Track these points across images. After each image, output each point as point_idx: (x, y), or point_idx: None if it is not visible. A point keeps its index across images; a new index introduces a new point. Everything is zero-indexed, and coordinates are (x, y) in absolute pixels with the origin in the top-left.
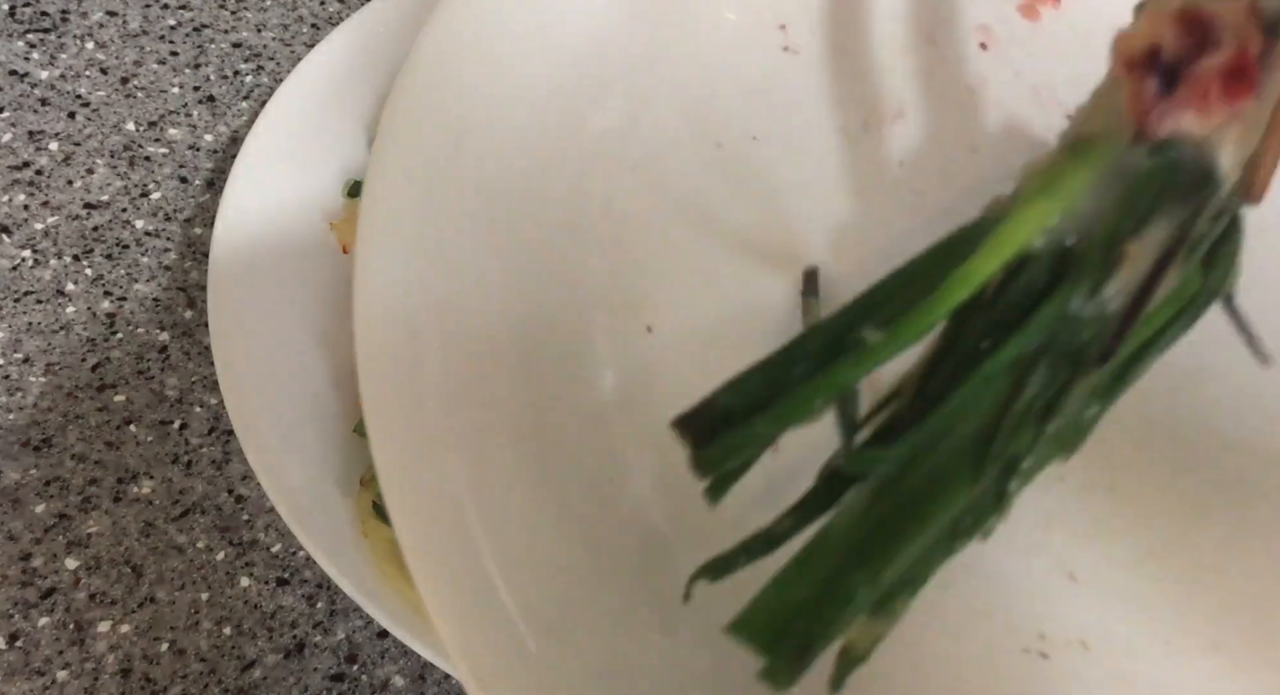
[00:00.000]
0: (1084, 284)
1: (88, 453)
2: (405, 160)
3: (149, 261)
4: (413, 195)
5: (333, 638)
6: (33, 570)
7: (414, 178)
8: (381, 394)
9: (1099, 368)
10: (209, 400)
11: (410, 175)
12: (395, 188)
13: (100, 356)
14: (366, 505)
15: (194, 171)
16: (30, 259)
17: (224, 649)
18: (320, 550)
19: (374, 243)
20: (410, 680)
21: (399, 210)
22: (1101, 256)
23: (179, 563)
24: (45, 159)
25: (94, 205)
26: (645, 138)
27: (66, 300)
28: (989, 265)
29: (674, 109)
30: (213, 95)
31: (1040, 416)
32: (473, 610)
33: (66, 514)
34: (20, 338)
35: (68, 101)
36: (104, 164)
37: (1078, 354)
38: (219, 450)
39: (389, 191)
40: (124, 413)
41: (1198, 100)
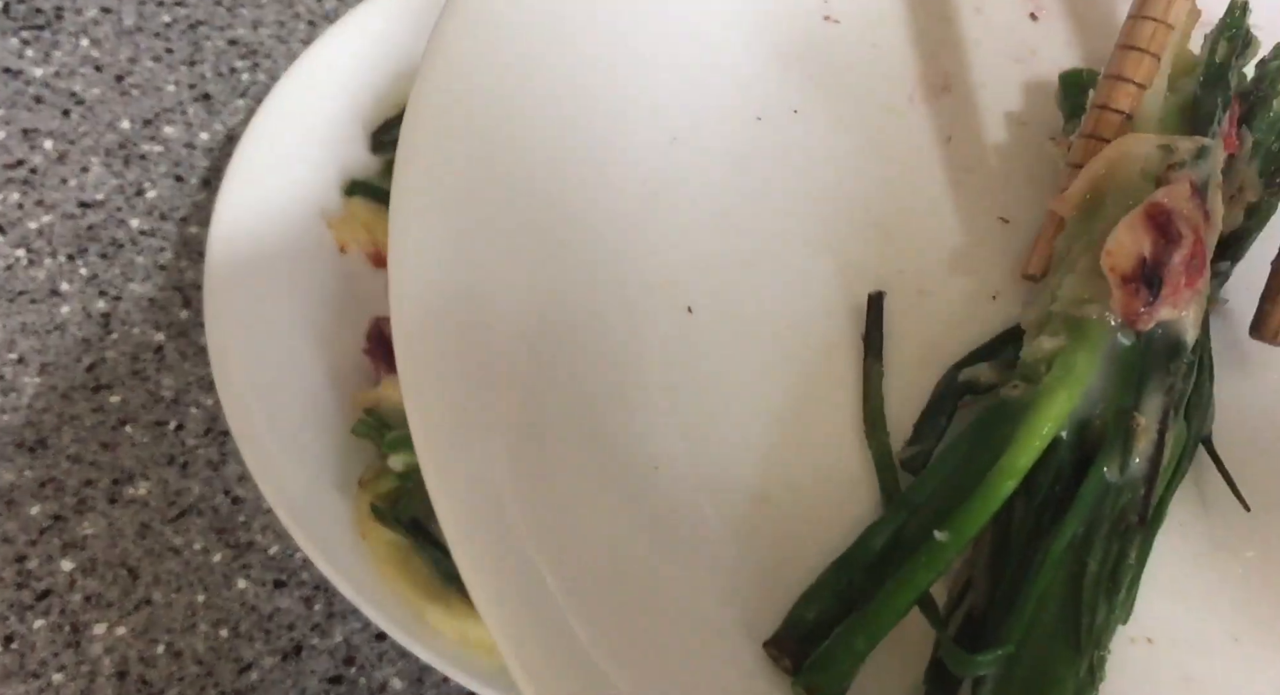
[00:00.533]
0: (1114, 457)
1: (83, 454)
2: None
3: (144, 261)
4: (445, 174)
5: (330, 640)
6: (28, 572)
7: (445, 158)
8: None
9: (1142, 530)
10: (205, 401)
11: (441, 156)
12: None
13: (95, 357)
14: (365, 507)
15: (190, 170)
16: (24, 258)
17: (221, 651)
18: (318, 552)
19: (407, 224)
20: (409, 683)
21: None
22: (1120, 430)
23: (175, 564)
24: (39, 157)
25: (88, 204)
26: (683, 110)
27: (61, 300)
28: (1028, 456)
29: (713, 81)
30: (209, 93)
31: (1110, 589)
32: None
33: (62, 515)
34: (14, 338)
35: (62, 99)
36: (99, 162)
37: (1121, 520)
38: (215, 451)
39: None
40: (119, 413)
41: (1172, 295)
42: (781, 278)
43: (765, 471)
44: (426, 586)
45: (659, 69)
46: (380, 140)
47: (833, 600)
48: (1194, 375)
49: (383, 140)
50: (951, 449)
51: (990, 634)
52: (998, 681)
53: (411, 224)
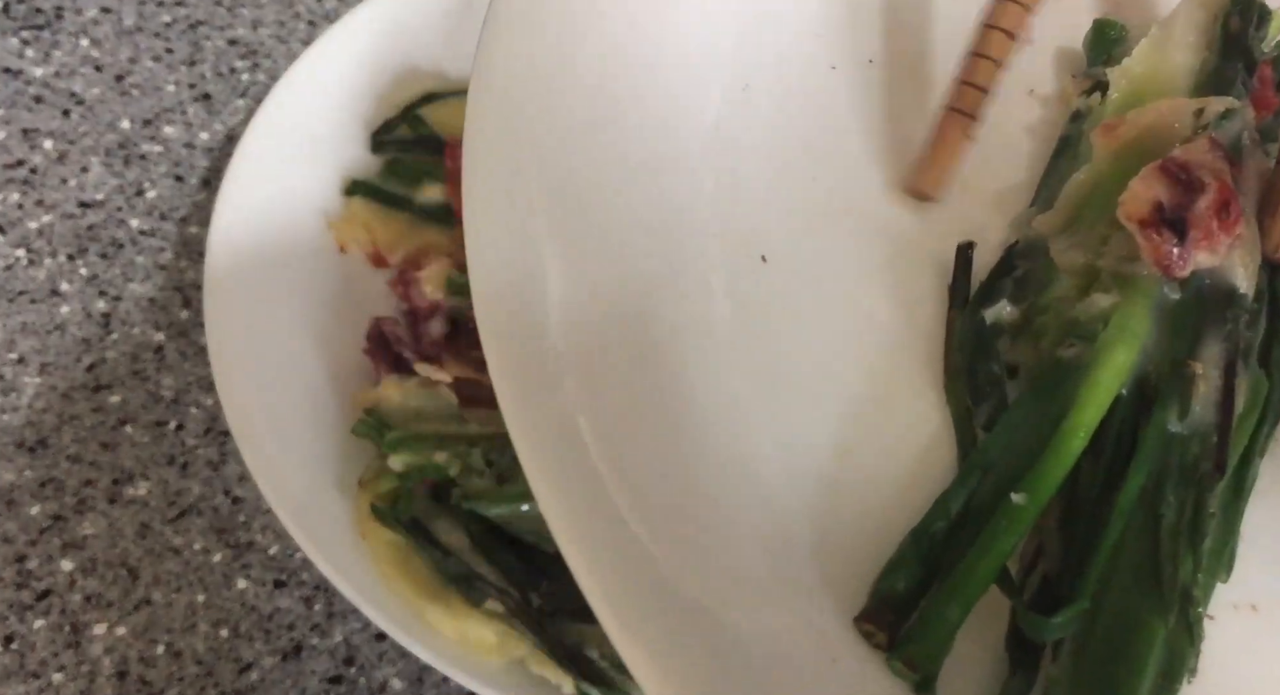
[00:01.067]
0: (1172, 404)
1: (83, 454)
2: (506, 91)
3: (144, 261)
4: (518, 122)
5: (330, 640)
6: (28, 572)
7: (517, 104)
8: (500, 330)
9: (1218, 478)
10: (205, 401)
11: (512, 102)
12: (499, 116)
13: (95, 357)
14: (365, 507)
15: (190, 170)
16: (24, 258)
17: (221, 651)
18: (318, 552)
19: (479, 179)
20: (409, 683)
21: (504, 141)
22: (1174, 377)
23: (175, 564)
24: (39, 157)
25: (89, 204)
26: (756, 58)
27: (61, 300)
28: (1094, 411)
29: (787, 28)
30: (209, 93)
31: (1191, 538)
32: (596, 530)
33: (62, 515)
34: (14, 338)
35: (62, 99)
36: (99, 162)
37: (1194, 470)
38: (215, 451)
39: (491, 120)
40: (119, 413)
41: (1205, 239)
42: (860, 227)
43: (846, 425)
44: (426, 586)
45: (727, 15)
46: (380, 140)
47: (918, 569)
48: (1263, 324)
49: (383, 140)
50: (1016, 410)
51: (1065, 596)
52: (1078, 639)
53: (481, 182)
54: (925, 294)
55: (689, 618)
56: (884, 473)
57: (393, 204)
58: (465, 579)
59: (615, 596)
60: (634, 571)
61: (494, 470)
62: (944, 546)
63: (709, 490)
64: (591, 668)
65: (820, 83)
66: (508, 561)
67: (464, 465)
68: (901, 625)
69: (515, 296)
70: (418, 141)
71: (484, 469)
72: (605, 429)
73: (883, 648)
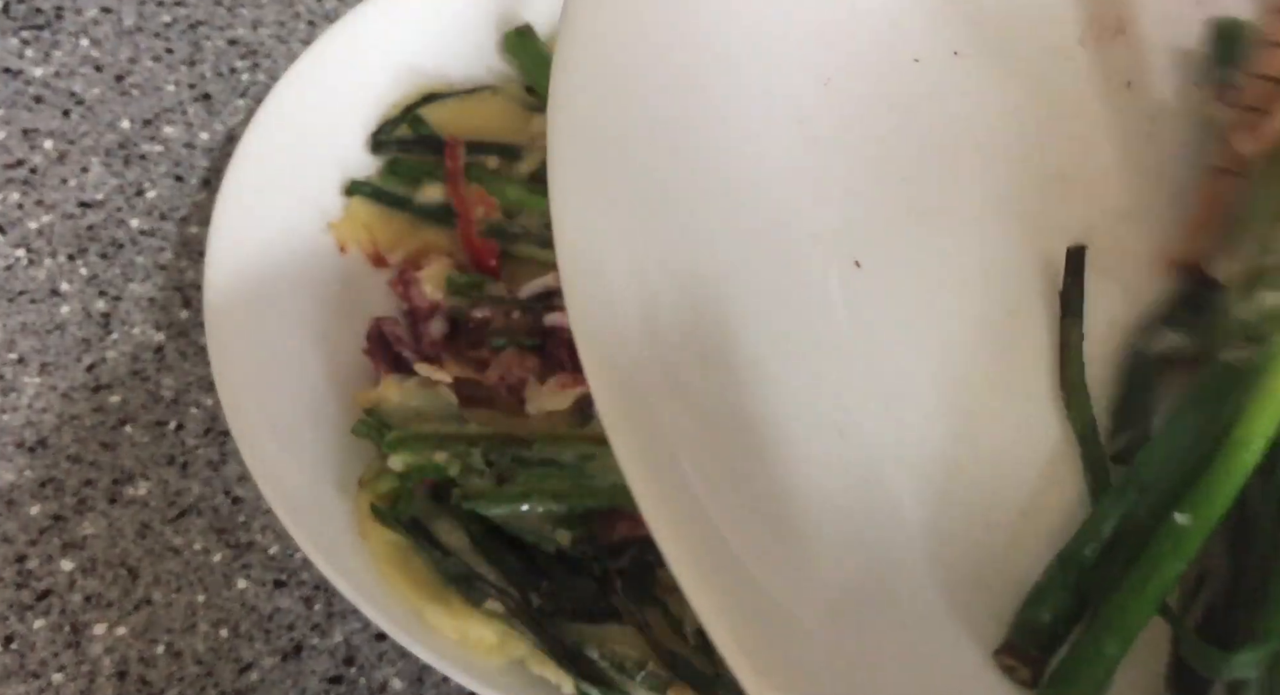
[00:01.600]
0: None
1: (83, 454)
2: (588, 85)
3: (144, 261)
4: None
5: (330, 640)
6: (28, 572)
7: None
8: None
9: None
10: (205, 401)
11: (590, 113)
12: (581, 115)
13: (95, 357)
14: (365, 506)
15: (190, 170)
16: (24, 258)
17: (221, 651)
18: (318, 552)
19: (566, 187)
20: (409, 683)
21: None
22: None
23: (175, 564)
24: (39, 157)
25: (89, 204)
26: (837, 50)
27: (61, 300)
28: (1268, 421)
29: (865, 20)
30: (209, 93)
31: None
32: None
33: (62, 515)
34: (14, 338)
35: (62, 99)
36: (99, 162)
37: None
38: (215, 451)
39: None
40: (119, 413)
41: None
42: (956, 230)
43: (954, 439)
44: (426, 586)
45: (804, 7)
46: (380, 140)
47: (1067, 597)
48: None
49: (383, 140)
50: (1175, 423)
51: (1240, 629)
52: (1271, 683)
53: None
54: (1029, 301)
55: (807, 642)
56: (1003, 489)
57: (393, 204)
58: (465, 579)
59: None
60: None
61: (494, 470)
62: (1096, 573)
63: (812, 503)
64: (591, 668)
65: (904, 76)
66: (508, 561)
67: (464, 465)
68: (1048, 660)
69: (605, 304)
70: (418, 141)
71: (484, 469)
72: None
73: (1027, 684)
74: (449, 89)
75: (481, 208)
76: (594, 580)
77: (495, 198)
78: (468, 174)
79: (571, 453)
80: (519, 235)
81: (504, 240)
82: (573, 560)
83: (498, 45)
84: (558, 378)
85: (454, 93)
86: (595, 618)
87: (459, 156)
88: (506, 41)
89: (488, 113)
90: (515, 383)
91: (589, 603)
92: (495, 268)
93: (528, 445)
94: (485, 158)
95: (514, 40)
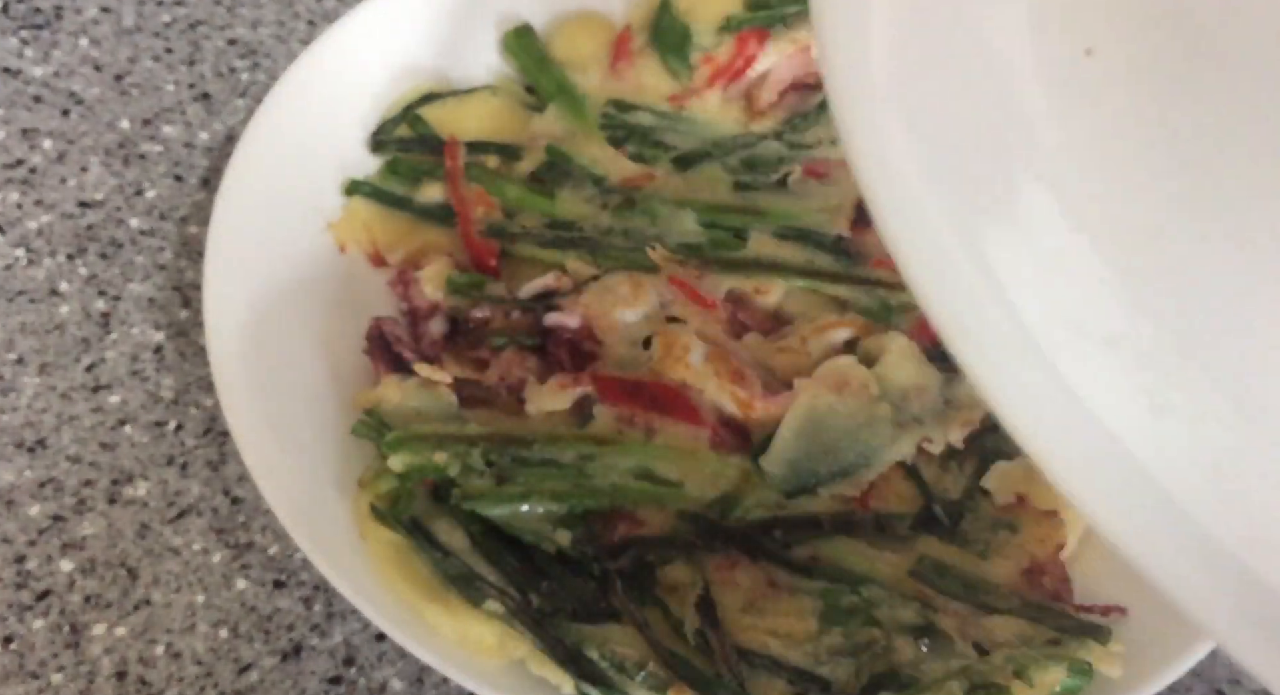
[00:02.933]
0: None
1: (82, 454)
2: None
3: (144, 261)
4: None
5: (330, 640)
6: (27, 572)
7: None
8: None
9: None
10: (205, 401)
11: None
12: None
13: (95, 357)
14: (364, 507)
15: (189, 170)
16: (24, 258)
17: (220, 652)
18: (318, 552)
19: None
20: (408, 683)
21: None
22: None
23: (175, 565)
24: (39, 157)
25: (88, 204)
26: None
27: (60, 300)
28: None
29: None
30: (208, 92)
31: None
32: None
33: (61, 516)
34: (14, 338)
35: (61, 99)
36: (98, 162)
37: None
38: (215, 451)
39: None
40: (119, 413)
41: None
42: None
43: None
44: (426, 586)
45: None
46: (380, 140)
47: None
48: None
49: (383, 140)
50: None
51: None
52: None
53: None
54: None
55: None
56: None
57: (392, 204)
58: (465, 579)
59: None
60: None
61: (494, 470)
62: None
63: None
64: (591, 668)
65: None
66: (508, 561)
67: (464, 465)
68: None
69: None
70: (417, 141)
71: (484, 469)
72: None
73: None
74: (448, 89)
75: (481, 207)
76: (594, 580)
77: (495, 198)
78: (468, 174)
79: (571, 453)
80: (519, 235)
81: (504, 240)
82: (573, 560)
83: (497, 45)
84: (558, 378)
85: (453, 92)
86: (595, 618)
87: (459, 156)
88: (506, 41)
89: (487, 113)
90: (515, 383)
91: (589, 603)
92: (495, 268)
93: (528, 445)
94: (485, 158)
95: (514, 40)
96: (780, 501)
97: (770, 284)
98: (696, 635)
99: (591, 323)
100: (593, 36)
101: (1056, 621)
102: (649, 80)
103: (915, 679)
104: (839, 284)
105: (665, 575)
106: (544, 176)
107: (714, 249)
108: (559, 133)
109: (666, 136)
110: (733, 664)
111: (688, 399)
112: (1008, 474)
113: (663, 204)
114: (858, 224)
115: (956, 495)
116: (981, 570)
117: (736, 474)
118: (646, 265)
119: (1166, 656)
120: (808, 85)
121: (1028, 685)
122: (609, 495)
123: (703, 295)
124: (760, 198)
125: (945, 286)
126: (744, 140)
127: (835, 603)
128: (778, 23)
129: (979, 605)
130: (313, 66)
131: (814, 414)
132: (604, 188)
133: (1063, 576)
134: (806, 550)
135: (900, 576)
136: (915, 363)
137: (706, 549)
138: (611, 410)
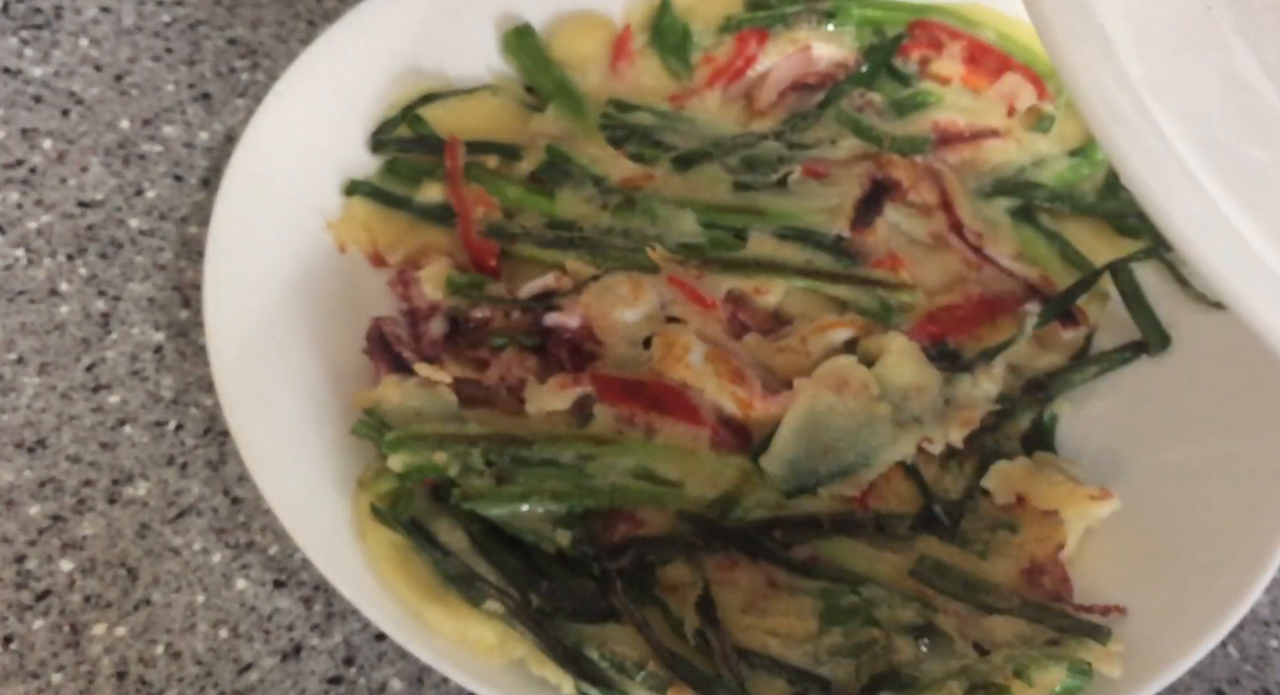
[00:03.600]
0: None
1: (82, 454)
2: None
3: (144, 261)
4: None
5: (330, 640)
6: (27, 572)
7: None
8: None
9: None
10: (205, 401)
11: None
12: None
13: (94, 357)
14: (364, 507)
15: (189, 170)
16: (24, 258)
17: (220, 652)
18: (318, 552)
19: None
20: (408, 683)
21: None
22: None
23: (175, 565)
24: (39, 157)
25: (88, 204)
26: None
27: (60, 300)
28: None
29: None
30: (208, 92)
31: None
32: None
33: (61, 516)
34: (14, 337)
35: (61, 99)
36: (98, 162)
37: None
38: (215, 451)
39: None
40: (119, 413)
41: None
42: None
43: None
44: (426, 586)
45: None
46: (380, 140)
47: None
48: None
49: (382, 140)
50: None
51: None
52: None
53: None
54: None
55: None
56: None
57: (392, 204)
58: (465, 579)
59: None
60: None
61: (494, 470)
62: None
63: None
64: (591, 668)
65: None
66: (508, 561)
67: (464, 465)
68: None
69: None
70: (417, 141)
71: (484, 469)
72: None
73: None
74: (448, 89)
75: (481, 207)
76: (594, 580)
77: (495, 197)
78: (467, 174)
79: (571, 453)
80: (519, 235)
81: (504, 240)
82: (573, 560)
83: (497, 45)
84: (558, 378)
85: (453, 92)
86: (595, 618)
87: (458, 156)
88: (506, 41)
89: (487, 112)
90: (515, 383)
91: (589, 603)
92: (495, 268)
93: (528, 445)
94: (485, 157)
95: (514, 40)
96: (780, 501)
97: (770, 284)
98: (696, 635)
99: (591, 323)
100: (593, 36)
101: (1056, 621)
102: (649, 80)
103: (915, 679)
104: (839, 284)
105: (665, 575)
106: (544, 176)
107: (714, 249)
108: (559, 133)
109: (666, 136)
110: (733, 664)
111: (688, 399)
112: (1008, 474)
113: (662, 204)
114: (857, 224)
115: (956, 495)
116: (981, 570)
117: (736, 474)
118: (646, 265)
119: (1166, 656)
120: (807, 85)
121: (1028, 685)
122: (609, 495)
123: (702, 295)
124: (760, 198)
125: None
126: (744, 140)
127: (835, 603)
128: (777, 23)
129: (979, 605)
130: (313, 66)
131: (814, 414)
132: (604, 188)
133: (1062, 576)
134: (806, 550)
135: (900, 576)
136: (915, 363)
137: (706, 549)
138: (611, 410)
